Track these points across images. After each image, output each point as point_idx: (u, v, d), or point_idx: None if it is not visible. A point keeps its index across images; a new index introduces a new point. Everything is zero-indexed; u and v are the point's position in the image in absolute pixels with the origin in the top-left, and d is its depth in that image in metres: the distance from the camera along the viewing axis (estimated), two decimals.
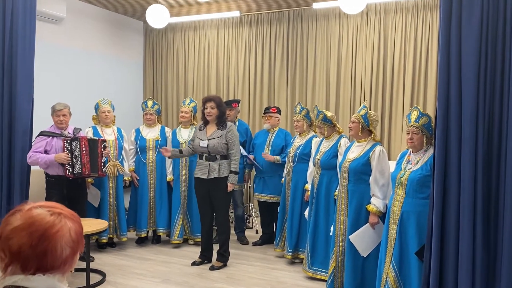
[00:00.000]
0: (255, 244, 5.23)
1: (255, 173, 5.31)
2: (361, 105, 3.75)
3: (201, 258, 4.47)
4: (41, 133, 4.41)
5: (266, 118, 5.22)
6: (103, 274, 4.08)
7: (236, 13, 6.46)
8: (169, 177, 5.12)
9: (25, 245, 1.06)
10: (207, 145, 4.26)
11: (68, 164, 4.25)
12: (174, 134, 5.16)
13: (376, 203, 3.44)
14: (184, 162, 5.04)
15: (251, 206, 6.11)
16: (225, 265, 4.38)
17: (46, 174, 4.42)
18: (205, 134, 4.35)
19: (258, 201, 5.33)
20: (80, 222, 1.17)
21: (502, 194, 2.65)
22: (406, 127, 3.26)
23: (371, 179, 3.49)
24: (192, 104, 5.20)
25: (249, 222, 6.05)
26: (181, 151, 4.50)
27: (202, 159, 4.32)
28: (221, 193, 4.28)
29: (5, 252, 1.07)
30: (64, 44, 6.02)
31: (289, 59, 6.52)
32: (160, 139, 5.13)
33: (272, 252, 4.87)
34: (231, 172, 4.26)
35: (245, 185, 5.78)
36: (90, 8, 6.38)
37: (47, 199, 4.41)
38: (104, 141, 4.63)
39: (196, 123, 5.22)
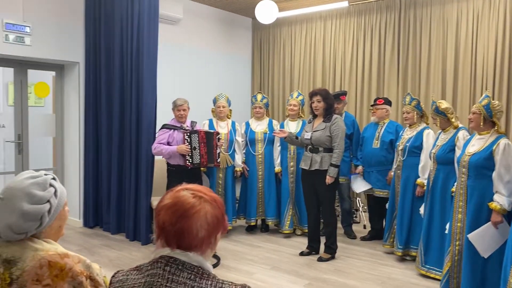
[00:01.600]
0: (363, 238, 5.15)
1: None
2: (483, 95, 3.48)
3: (309, 249, 4.54)
4: (164, 126, 4.82)
5: (373, 111, 5.09)
6: (217, 258, 4.36)
7: (344, 4, 6.36)
8: (277, 168, 5.26)
9: (167, 222, 1.18)
10: (310, 137, 4.33)
11: (188, 155, 4.61)
12: (281, 127, 5.28)
13: (499, 201, 3.17)
14: (291, 154, 5.15)
15: (358, 200, 6.01)
16: (332, 257, 4.39)
17: (168, 164, 4.82)
18: (312, 126, 4.42)
19: (366, 195, 5.23)
20: (221, 208, 1.24)
21: None
22: None
23: (494, 174, 3.22)
24: (300, 98, 5.27)
25: (356, 217, 5.96)
26: (297, 137, 4.60)
27: (307, 151, 4.41)
28: (324, 185, 4.28)
29: (157, 225, 1.22)
30: (181, 43, 6.48)
31: (400, 48, 6.24)
32: (268, 132, 5.29)
33: (381, 248, 4.75)
34: (331, 164, 4.24)
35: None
36: (204, 8, 6.78)
37: (168, 186, 4.83)
38: (218, 133, 4.93)
39: (303, 116, 5.29)
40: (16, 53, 4.93)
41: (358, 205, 5.98)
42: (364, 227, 5.61)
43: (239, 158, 5.25)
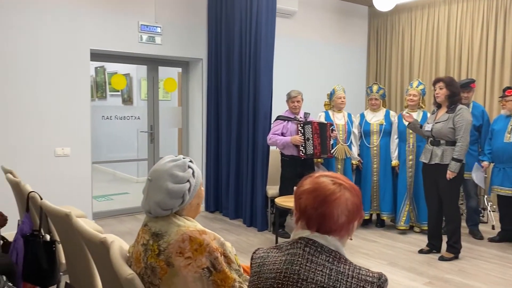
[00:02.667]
0: (491, 240, 4.71)
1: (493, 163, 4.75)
2: None
3: (429, 246, 4.30)
4: (278, 118, 4.95)
5: (502, 103, 4.61)
6: None
7: None
8: (394, 161, 5.06)
9: (309, 206, 1.24)
10: (431, 129, 4.08)
11: (302, 145, 4.68)
12: (400, 118, 5.04)
13: None
14: (410, 147, 4.90)
15: (486, 198, 5.49)
16: (456, 257, 4.11)
17: (282, 154, 4.94)
18: (434, 117, 4.15)
19: (497, 194, 4.76)
20: (359, 196, 1.28)
21: None
22: None
23: None
24: (421, 87, 4.98)
25: (483, 216, 5.46)
26: (421, 126, 4.35)
27: (428, 143, 4.18)
28: (445, 181, 3.98)
29: (296, 208, 1.29)
30: (295, 36, 6.55)
31: None
32: (384, 123, 5.11)
33: None
34: (452, 159, 3.92)
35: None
36: None
37: (282, 176, 4.96)
38: (332, 124, 4.91)
39: (423, 107, 5.00)
40: (148, 52, 5.46)
41: (486, 204, 5.47)
42: (493, 227, 5.13)
43: (355, 151, 5.16)
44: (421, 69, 6.85)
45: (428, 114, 4.69)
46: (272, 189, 5.14)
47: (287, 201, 4.31)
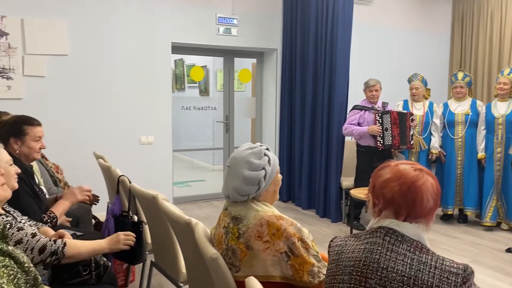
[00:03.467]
0: None
1: None
2: None
3: None
4: (354, 107, 4.84)
5: None
6: None
7: None
8: (481, 154, 4.74)
9: (397, 194, 1.23)
10: None
11: (379, 136, 4.54)
12: (488, 108, 4.71)
13: None
14: (499, 138, 4.57)
15: None
16: None
17: (357, 145, 4.84)
18: None
19: None
20: (437, 180, 1.28)
21: None
22: None
23: None
24: None
25: None
26: None
27: None
28: None
29: (379, 199, 1.27)
30: (374, 23, 6.34)
31: None
32: (470, 113, 4.80)
33: None
34: None
35: None
36: None
37: (358, 167, 4.86)
38: (412, 114, 4.72)
39: None
40: (225, 43, 5.60)
41: None
42: None
43: (435, 141, 4.91)
44: None
45: None
46: (347, 180, 5.06)
47: (362, 193, 4.23)
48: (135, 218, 2.83)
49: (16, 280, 1.33)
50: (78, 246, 1.89)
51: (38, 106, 4.46)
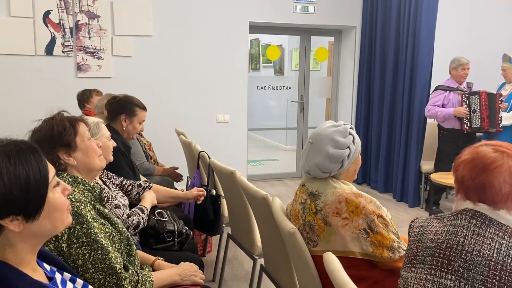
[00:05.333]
0: None
1: None
2: None
3: None
4: (438, 87, 4.57)
5: None
6: None
7: None
8: None
9: (466, 176, 1.17)
10: None
11: (466, 118, 4.28)
12: None
13: None
14: None
15: None
16: None
17: (441, 127, 4.58)
18: None
19: None
20: None
21: None
22: None
23: None
24: None
25: None
26: None
27: None
28: None
29: (455, 180, 1.22)
30: None
31: None
32: None
33: None
34: None
35: None
36: None
37: (439, 151, 4.62)
38: (501, 95, 4.38)
39: None
40: (302, 21, 5.53)
41: None
42: None
43: (510, 115, 4.48)
44: None
45: None
46: (427, 164, 4.84)
47: (444, 178, 4.03)
48: (214, 192, 2.96)
49: (111, 237, 1.47)
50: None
51: (125, 85, 4.75)
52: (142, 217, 1.99)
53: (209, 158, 2.95)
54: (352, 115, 5.99)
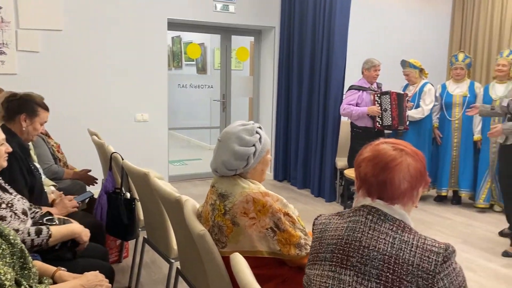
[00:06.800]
0: None
1: None
2: None
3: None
4: (351, 87, 4.80)
5: None
6: None
7: None
8: (477, 136, 4.74)
9: (369, 174, 1.21)
10: (508, 105, 3.52)
11: (378, 116, 4.53)
12: (486, 90, 4.68)
13: None
14: (496, 121, 4.54)
15: None
16: None
17: (353, 125, 4.81)
18: None
19: None
20: (423, 162, 1.23)
21: None
22: None
23: None
24: None
25: None
26: (493, 108, 4.01)
27: (505, 120, 3.62)
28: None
29: (357, 178, 1.27)
30: (374, 2, 6.23)
31: None
32: (468, 95, 4.77)
33: None
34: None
35: None
36: None
37: (352, 148, 4.85)
38: (407, 95, 4.71)
39: None
40: (222, 20, 5.52)
41: None
42: None
43: (416, 111, 4.81)
44: None
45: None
46: (341, 161, 5.06)
47: None
48: (128, 195, 2.84)
49: (1, 250, 1.34)
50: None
51: (32, 82, 4.42)
52: (33, 239, 1.78)
53: (122, 159, 2.83)
54: (273, 114, 6.10)
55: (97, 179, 3.42)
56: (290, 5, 5.68)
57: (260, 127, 1.70)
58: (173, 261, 2.42)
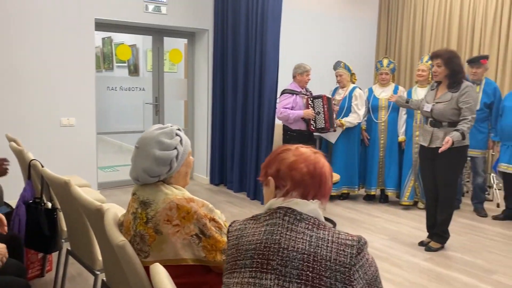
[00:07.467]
0: (495, 218, 4.68)
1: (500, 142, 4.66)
2: None
3: (429, 237, 3.90)
4: (285, 91, 4.87)
5: None
6: (333, 223, 4.38)
7: None
8: (401, 137, 5.00)
9: (306, 175, 1.25)
10: (431, 110, 3.65)
11: (312, 119, 4.66)
12: (409, 93, 4.96)
13: None
14: (418, 122, 4.83)
15: (493, 177, 5.44)
16: (442, 247, 3.80)
17: (288, 129, 4.88)
18: (434, 96, 3.71)
19: (503, 172, 4.68)
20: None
21: None
22: None
23: None
24: (431, 62, 4.85)
25: (488, 194, 5.43)
26: (407, 102, 4.15)
27: (427, 124, 3.75)
28: (443, 166, 3.61)
29: (286, 181, 1.26)
30: (303, 8, 6.40)
31: None
32: None
33: None
34: (456, 129, 3.44)
35: (488, 153, 5.18)
36: None
37: None
38: (333, 99, 4.89)
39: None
40: (154, 22, 5.38)
41: (492, 182, 5.42)
42: (498, 205, 5.09)
43: (353, 118, 5.00)
44: (432, 43, 6.69)
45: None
46: None
47: None
48: (49, 204, 2.67)
49: None
50: None
51: None
52: None
53: (42, 166, 2.65)
54: (209, 118, 6.04)
55: (8, 162, 3.03)
56: (223, 8, 5.67)
57: (179, 129, 1.65)
58: (98, 273, 2.30)
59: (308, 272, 1.11)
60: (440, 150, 3.42)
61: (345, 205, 5.14)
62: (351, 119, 4.99)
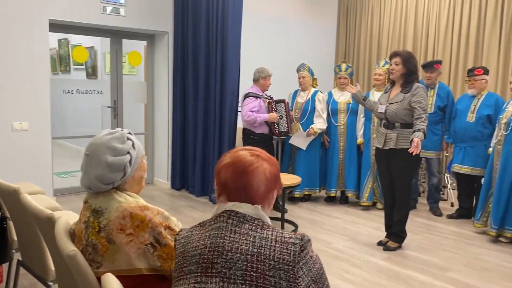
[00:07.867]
0: (450, 217, 4.87)
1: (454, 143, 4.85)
2: None
3: (387, 237, 3.98)
4: (249, 95, 4.85)
5: (471, 83, 4.64)
6: (295, 225, 4.41)
7: None
8: (360, 139, 5.11)
9: (229, 179, 1.25)
10: (385, 111, 3.73)
11: (276, 123, 4.72)
12: (367, 96, 5.07)
13: None
14: (375, 125, 4.95)
15: (447, 177, 5.66)
16: (399, 246, 3.88)
17: (251, 132, 4.84)
18: (388, 97, 3.79)
19: (456, 173, 4.86)
20: (276, 166, 1.31)
21: None
22: None
23: None
24: (387, 66, 4.98)
25: (443, 194, 5.64)
26: (364, 99, 4.15)
27: (381, 126, 3.83)
28: (399, 167, 3.69)
29: (217, 183, 1.28)
30: (264, 12, 6.44)
31: (504, 11, 5.62)
32: (351, 102, 5.13)
33: (470, 227, 4.47)
34: (416, 130, 3.48)
35: (442, 154, 5.38)
36: None
37: None
38: (288, 103, 4.93)
39: None
40: (112, 23, 5.26)
41: (446, 182, 5.63)
42: (452, 205, 5.29)
43: (320, 123, 5.09)
44: (389, 48, 6.88)
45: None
46: None
47: None
48: None
49: None
50: None
51: None
52: None
53: None
54: (169, 121, 5.95)
55: None
56: (183, 11, 5.61)
57: (130, 133, 1.61)
58: (51, 283, 2.22)
59: (252, 273, 1.12)
60: (414, 153, 3.39)
61: (307, 206, 5.20)
62: (320, 125, 5.08)
